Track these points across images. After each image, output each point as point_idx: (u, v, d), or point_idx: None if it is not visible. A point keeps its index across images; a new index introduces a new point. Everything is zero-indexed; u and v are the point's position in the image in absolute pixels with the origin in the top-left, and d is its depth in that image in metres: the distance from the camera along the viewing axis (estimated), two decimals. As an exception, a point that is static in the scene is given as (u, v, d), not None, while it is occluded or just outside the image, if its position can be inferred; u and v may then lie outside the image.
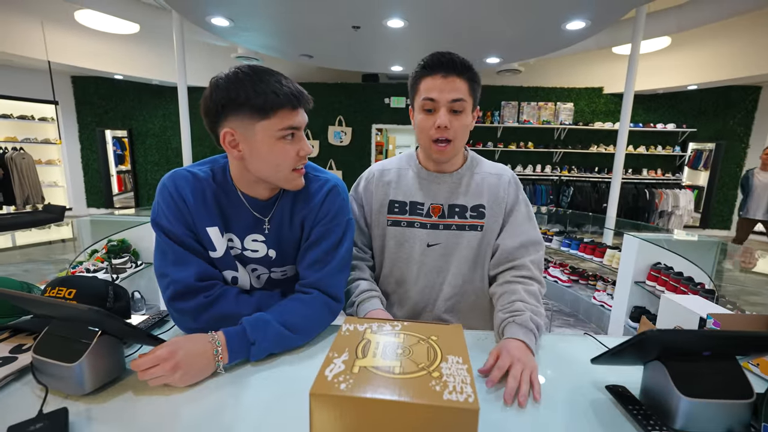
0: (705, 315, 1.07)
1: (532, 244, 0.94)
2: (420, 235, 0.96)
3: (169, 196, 0.78)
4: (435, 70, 0.86)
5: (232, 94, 0.69)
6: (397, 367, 0.47)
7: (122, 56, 6.29)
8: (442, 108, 0.86)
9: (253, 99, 0.69)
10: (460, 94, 0.85)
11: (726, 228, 6.70)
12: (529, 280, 0.89)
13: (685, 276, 2.23)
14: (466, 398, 0.42)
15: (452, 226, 0.95)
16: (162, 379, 0.61)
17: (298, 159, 0.76)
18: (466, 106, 0.87)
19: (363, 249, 1.03)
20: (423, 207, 0.97)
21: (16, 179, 6.04)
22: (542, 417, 0.58)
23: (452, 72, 0.85)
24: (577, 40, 4.60)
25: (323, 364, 0.47)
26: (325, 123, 7.17)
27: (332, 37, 4.61)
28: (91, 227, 3.38)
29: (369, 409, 0.42)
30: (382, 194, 1.00)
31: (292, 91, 0.71)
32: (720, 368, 0.55)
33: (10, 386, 0.62)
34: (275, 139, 0.72)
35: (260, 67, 0.72)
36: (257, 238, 0.84)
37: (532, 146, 6.83)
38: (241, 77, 0.70)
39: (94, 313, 0.57)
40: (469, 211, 0.95)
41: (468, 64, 0.87)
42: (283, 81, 0.72)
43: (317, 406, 0.42)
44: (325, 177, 0.87)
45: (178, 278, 0.76)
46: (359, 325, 0.57)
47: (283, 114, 0.71)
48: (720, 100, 6.38)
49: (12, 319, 0.79)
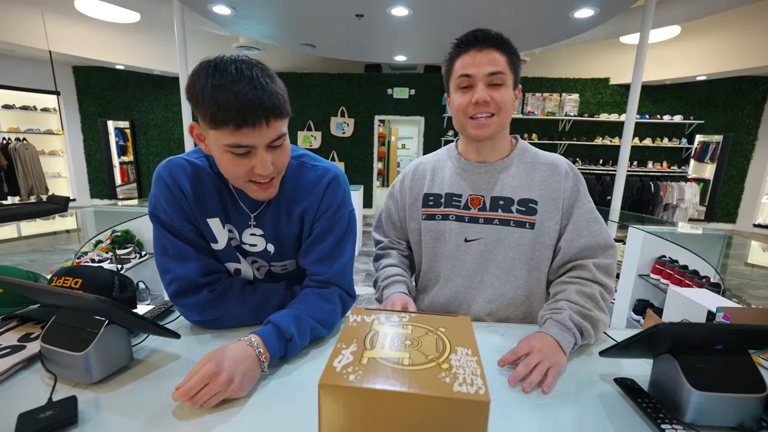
0: (713, 308, 1.07)
1: (600, 247, 0.82)
2: (455, 228, 0.88)
3: (166, 187, 0.73)
4: (469, 46, 0.80)
5: (190, 89, 0.63)
6: (405, 359, 0.46)
7: (123, 46, 6.24)
8: (479, 82, 0.79)
9: (201, 105, 0.61)
10: (499, 67, 0.79)
11: (731, 221, 6.66)
12: (587, 282, 0.80)
13: (690, 269, 2.22)
14: (477, 390, 0.41)
15: (494, 221, 0.86)
16: (219, 395, 0.56)
17: (252, 175, 0.67)
18: (506, 80, 0.80)
19: (396, 240, 1.00)
20: (460, 198, 0.89)
21: (20, 170, 6.06)
22: (550, 410, 0.57)
23: (488, 45, 0.79)
24: (584, 29, 4.52)
25: (331, 355, 0.47)
26: (328, 114, 7.11)
27: (335, 26, 4.55)
28: (95, 218, 3.39)
29: (378, 401, 0.41)
30: (416, 189, 0.95)
31: (243, 106, 0.59)
32: (732, 362, 0.55)
33: (19, 374, 0.62)
34: (224, 151, 0.65)
35: (232, 64, 0.61)
36: (255, 232, 0.80)
37: (536, 138, 6.76)
38: (202, 76, 0.61)
39: (102, 302, 0.57)
40: (515, 204, 0.85)
41: (505, 37, 0.80)
42: (243, 90, 0.59)
43: (326, 397, 0.42)
44: (324, 167, 0.81)
45: (181, 275, 0.75)
46: (366, 316, 0.57)
47: (227, 131, 0.61)
48: (729, 91, 6.27)
49: (19, 308, 0.80)
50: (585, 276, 0.80)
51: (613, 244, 0.83)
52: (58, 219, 4.16)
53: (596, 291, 0.78)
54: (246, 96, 0.60)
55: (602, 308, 0.77)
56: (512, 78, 0.81)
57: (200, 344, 0.74)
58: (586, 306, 0.75)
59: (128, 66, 6.56)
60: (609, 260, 0.82)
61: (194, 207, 0.75)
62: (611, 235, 0.84)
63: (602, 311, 0.76)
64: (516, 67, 0.82)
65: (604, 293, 0.79)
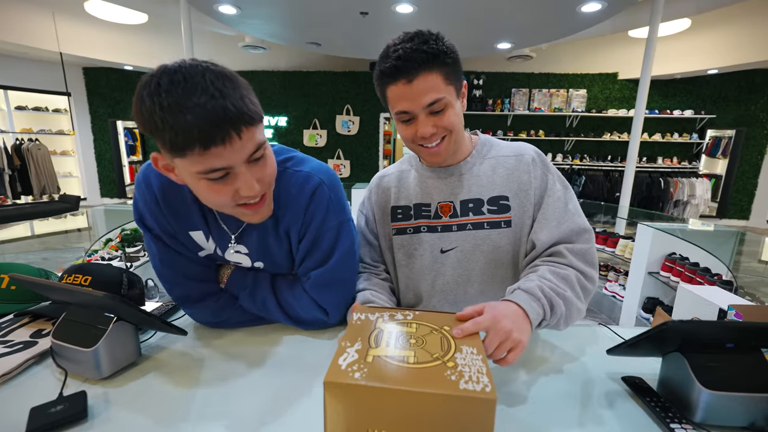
0: (725, 306, 1.05)
1: (573, 233, 0.75)
2: (429, 240, 0.82)
3: (142, 194, 0.68)
4: (396, 77, 0.68)
5: (140, 118, 0.52)
6: (410, 357, 0.46)
7: (131, 47, 6.32)
8: (420, 115, 0.71)
9: (156, 132, 0.51)
10: (435, 94, 0.68)
11: (744, 218, 6.53)
12: (561, 265, 0.72)
13: (701, 267, 2.18)
14: (483, 388, 0.41)
15: (467, 226, 0.80)
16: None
17: (238, 198, 0.59)
18: (447, 101, 0.70)
19: (372, 264, 0.89)
20: (429, 208, 0.83)
21: (32, 170, 6.18)
22: (557, 408, 0.57)
23: (417, 71, 0.66)
24: (592, 23, 4.45)
25: (336, 353, 0.47)
26: (333, 112, 7.12)
27: (340, 24, 4.54)
28: (105, 217, 3.45)
29: (384, 399, 0.41)
30: (383, 202, 0.88)
31: (204, 122, 0.49)
32: (744, 361, 0.54)
33: (31, 369, 0.64)
34: (198, 179, 0.55)
35: (178, 74, 0.50)
36: (240, 250, 0.73)
37: (543, 135, 6.70)
38: (146, 98, 0.50)
39: (110, 299, 0.57)
40: (486, 205, 0.79)
41: (433, 47, 0.67)
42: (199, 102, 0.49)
43: (331, 394, 0.42)
44: (307, 172, 0.70)
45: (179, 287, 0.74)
46: (370, 314, 0.57)
47: (194, 156, 0.51)
48: (742, 85, 6.14)
49: (31, 305, 0.81)
50: (559, 261, 0.73)
51: (589, 228, 0.77)
52: (69, 218, 4.23)
53: (572, 274, 0.70)
54: (204, 108, 0.49)
55: (578, 294, 0.69)
56: (454, 91, 0.71)
57: (207, 341, 0.75)
58: (560, 285, 0.68)
59: (136, 67, 6.64)
60: (585, 245, 0.75)
61: (172, 219, 0.69)
62: (585, 220, 0.78)
63: (578, 297, 0.69)
64: (455, 74, 0.71)
65: (582, 279, 0.72)
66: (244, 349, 0.72)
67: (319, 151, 7.21)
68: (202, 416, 0.54)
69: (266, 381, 0.62)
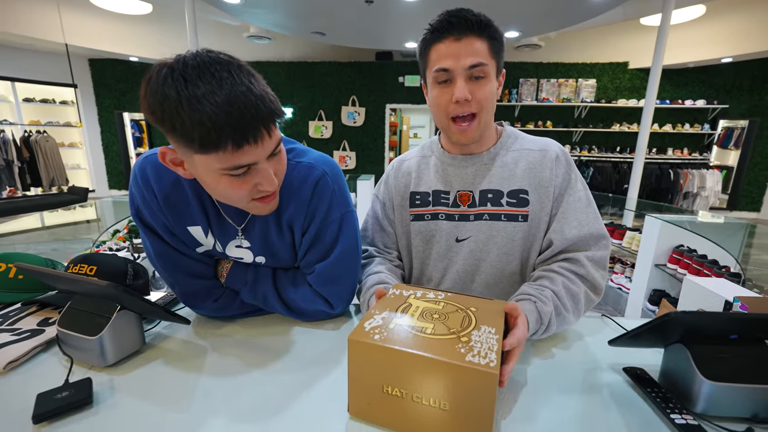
0: (731, 298, 1.04)
1: (593, 237, 0.75)
2: (445, 228, 0.82)
3: (138, 189, 0.67)
4: (445, 33, 0.70)
5: (156, 109, 0.50)
6: (429, 329, 0.50)
7: (136, 38, 6.31)
8: (458, 77, 0.71)
9: (180, 128, 0.49)
10: (480, 58, 0.70)
11: (756, 210, 6.41)
12: (576, 278, 0.72)
13: (709, 259, 2.15)
14: (488, 363, 0.43)
15: (484, 216, 0.79)
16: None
17: (255, 193, 0.59)
18: (488, 71, 0.71)
19: (385, 249, 0.90)
20: (448, 196, 0.83)
21: (41, 161, 6.26)
22: (559, 398, 0.57)
23: (467, 32, 0.69)
24: (603, 11, 4.34)
25: (364, 317, 0.52)
26: (338, 103, 7.08)
27: (344, 13, 4.48)
28: (113, 208, 3.49)
29: (395, 359, 0.46)
30: (402, 187, 0.88)
31: (239, 120, 0.49)
32: (747, 352, 0.53)
33: (38, 357, 0.65)
34: (219, 175, 0.55)
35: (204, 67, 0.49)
36: (241, 244, 0.73)
37: (551, 125, 6.61)
38: (168, 91, 0.48)
39: (112, 288, 0.58)
40: (505, 197, 0.78)
41: (485, 19, 0.71)
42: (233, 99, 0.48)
43: (353, 349, 0.48)
44: (308, 163, 0.70)
45: (179, 284, 0.74)
46: (405, 291, 0.61)
47: (224, 154, 0.51)
48: (756, 74, 5.97)
49: (39, 294, 0.83)
50: (576, 271, 0.73)
51: (607, 234, 0.77)
52: (78, 209, 4.29)
53: (581, 291, 0.71)
54: (240, 106, 0.48)
55: (579, 311, 0.71)
56: (495, 67, 0.73)
57: (210, 330, 0.76)
58: (566, 306, 0.69)
59: (141, 58, 6.64)
60: (603, 252, 0.75)
61: (169, 214, 0.68)
62: (604, 226, 0.78)
63: (576, 314, 0.71)
64: (499, 53, 0.73)
65: (589, 294, 0.73)
66: (247, 338, 0.73)
67: (325, 142, 7.19)
68: (205, 403, 0.55)
69: (269, 368, 0.63)
